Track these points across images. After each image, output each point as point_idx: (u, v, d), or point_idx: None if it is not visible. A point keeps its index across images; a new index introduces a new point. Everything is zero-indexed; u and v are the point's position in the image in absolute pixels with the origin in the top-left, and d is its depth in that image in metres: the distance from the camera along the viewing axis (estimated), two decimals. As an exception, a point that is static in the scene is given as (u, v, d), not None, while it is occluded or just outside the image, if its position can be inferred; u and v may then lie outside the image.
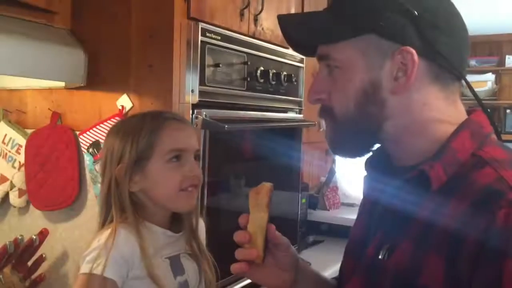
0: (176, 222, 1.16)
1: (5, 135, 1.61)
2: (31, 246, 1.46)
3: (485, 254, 0.65)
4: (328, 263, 2.39)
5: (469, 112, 0.81)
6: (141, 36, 1.46)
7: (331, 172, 3.18)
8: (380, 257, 0.77)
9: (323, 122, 2.81)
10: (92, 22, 1.51)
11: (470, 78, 0.90)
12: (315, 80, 0.83)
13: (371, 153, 0.87)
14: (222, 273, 1.30)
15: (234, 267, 0.87)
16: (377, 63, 0.77)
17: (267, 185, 0.87)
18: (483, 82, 5.42)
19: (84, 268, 1.02)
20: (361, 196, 0.95)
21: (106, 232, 1.05)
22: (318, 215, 2.91)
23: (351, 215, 2.98)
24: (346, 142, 0.83)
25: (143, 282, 1.04)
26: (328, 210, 2.99)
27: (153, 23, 1.45)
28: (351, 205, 3.15)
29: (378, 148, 0.86)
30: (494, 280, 0.64)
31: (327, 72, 0.81)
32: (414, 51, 0.74)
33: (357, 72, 0.77)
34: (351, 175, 3.38)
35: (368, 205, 0.90)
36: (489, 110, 0.82)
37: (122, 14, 1.47)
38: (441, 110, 0.78)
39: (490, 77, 5.55)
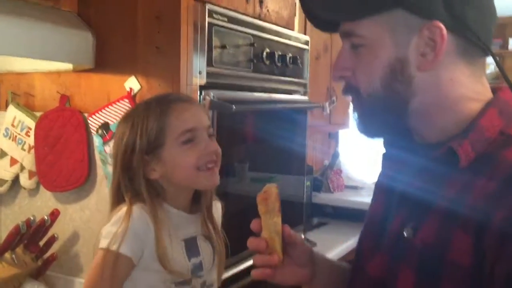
0: (194, 203, 1.17)
1: (14, 117, 1.62)
2: (43, 226, 1.49)
3: None
4: (332, 244, 2.42)
5: (494, 90, 0.80)
6: (148, 18, 1.46)
7: (335, 155, 3.20)
8: (405, 235, 0.77)
9: (326, 105, 2.81)
10: (99, 5, 1.52)
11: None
12: (339, 57, 0.81)
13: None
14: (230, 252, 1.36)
15: (256, 274, 0.87)
16: (404, 39, 0.75)
17: (274, 189, 0.87)
18: (486, 64, 5.40)
19: (102, 243, 1.04)
20: (364, 179, 0.95)
21: (124, 209, 1.06)
22: (323, 198, 2.94)
23: (355, 197, 3.01)
24: (372, 121, 0.81)
25: (156, 260, 1.06)
26: (332, 193, 3.02)
27: (160, 5, 1.45)
28: (354, 187, 3.18)
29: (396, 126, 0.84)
30: None
31: (351, 49, 0.79)
32: (442, 26, 0.72)
33: (383, 49, 0.75)
34: (355, 158, 3.40)
35: (387, 184, 0.89)
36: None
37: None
38: (468, 87, 0.77)
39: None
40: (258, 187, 1.86)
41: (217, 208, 1.22)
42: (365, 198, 2.76)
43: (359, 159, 3.37)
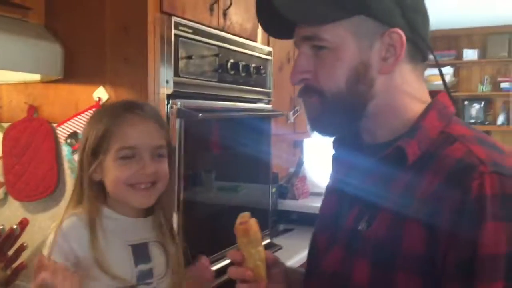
0: (150, 208, 1.15)
1: (-19, 129, 1.63)
2: (12, 236, 1.50)
3: (462, 223, 0.70)
4: (297, 249, 2.49)
5: (433, 94, 0.86)
6: (115, 30, 1.51)
7: (300, 163, 3.29)
8: (359, 228, 0.81)
9: (290, 114, 2.88)
10: (67, 17, 1.56)
11: (429, 71, 0.98)
12: (299, 61, 0.83)
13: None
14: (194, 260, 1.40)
15: None
16: (366, 44, 0.79)
17: (253, 220, 0.92)
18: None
19: (43, 250, 1.07)
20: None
21: (62, 219, 1.08)
22: (288, 204, 3.01)
23: (319, 204, 3.09)
24: (332, 121, 0.84)
25: (96, 270, 1.05)
26: (297, 200, 3.09)
27: (127, 17, 1.50)
28: (319, 194, 3.26)
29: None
30: (471, 246, 0.69)
31: (312, 53, 0.82)
32: (402, 33, 0.78)
33: (347, 52, 0.79)
34: (319, 166, 3.49)
35: (338, 185, 0.94)
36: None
37: (96, 9, 1.53)
38: (414, 89, 0.84)
39: (448, 70, 5.79)
40: (224, 195, 1.93)
41: (173, 218, 1.21)
42: (329, 204, 2.84)
43: (323, 166, 3.47)
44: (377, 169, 0.83)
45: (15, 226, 1.49)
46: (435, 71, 0.95)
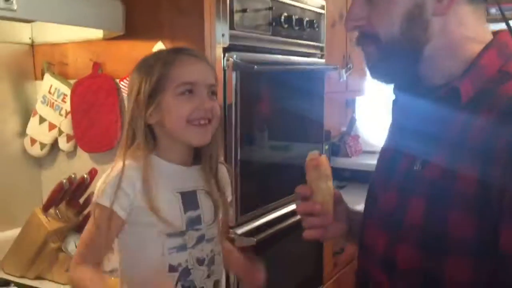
0: (198, 158, 1.19)
1: (51, 85, 1.74)
2: (83, 184, 1.61)
3: None
4: (350, 205, 2.52)
5: (494, 33, 0.84)
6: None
7: (352, 121, 3.28)
8: (415, 168, 0.82)
9: (343, 72, 2.87)
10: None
11: (493, 26, 0.96)
12: (353, 7, 0.84)
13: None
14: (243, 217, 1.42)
15: (310, 234, 0.94)
16: None
17: (324, 157, 0.94)
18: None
19: (94, 197, 1.10)
20: (381, 143, 1.00)
21: (116, 165, 1.10)
22: (341, 162, 3.03)
23: (372, 161, 3.07)
24: (389, 66, 0.85)
25: (150, 213, 1.08)
26: (350, 157, 3.10)
27: (183, -27, 1.54)
28: (372, 152, 3.25)
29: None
30: None
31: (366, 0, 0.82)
32: None
33: None
34: (372, 124, 3.47)
35: (397, 128, 0.95)
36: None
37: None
38: (473, 30, 0.81)
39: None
40: (277, 154, 1.97)
41: (223, 172, 1.23)
42: (382, 162, 2.83)
43: (376, 124, 3.44)
44: (432, 111, 0.83)
45: (85, 175, 1.60)
46: (498, 26, 0.91)
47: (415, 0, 0.79)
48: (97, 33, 1.64)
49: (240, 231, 1.63)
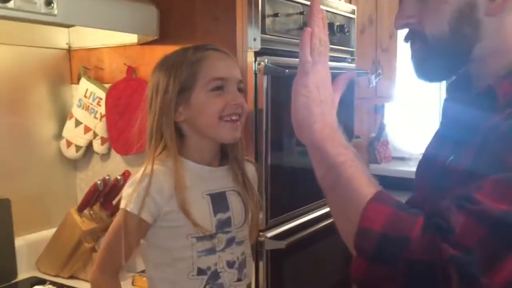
0: (224, 158, 1.18)
1: (86, 89, 1.79)
2: (116, 186, 1.64)
3: None
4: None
5: None
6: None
7: (381, 127, 3.25)
8: (447, 163, 0.83)
9: (372, 78, 2.85)
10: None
11: None
12: (403, 5, 0.84)
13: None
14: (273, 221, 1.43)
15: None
16: None
17: (362, 141, 0.95)
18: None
19: (122, 203, 1.09)
20: (411, 150, 1.00)
21: (145, 169, 1.09)
22: (370, 168, 3.00)
23: (402, 167, 3.06)
24: (436, 65, 0.84)
25: (179, 216, 1.08)
26: (380, 163, 3.08)
27: (216, -21, 1.57)
28: (401, 158, 3.23)
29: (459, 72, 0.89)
30: None
31: None
32: None
33: None
34: (401, 130, 3.43)
35: (442, 126, 0.95)
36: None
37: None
38: None
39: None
40: (305, 160, 1.97)
41: (250, 171, 1.22)
42: (412, 168, 2.79)
43: (406, 131, 3.41)
44: (470, 108, 0.83)
45: (118, 177, 1.64)
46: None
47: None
48: (132, 38, 1.68)
49: (270, 234, 1.63)
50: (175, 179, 1.07)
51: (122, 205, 1.09)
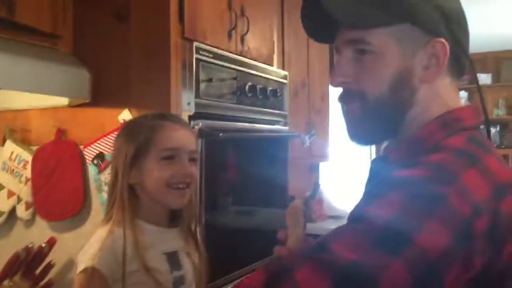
0: (176, 220, 1.23)
1: (12, 152, 1.71)
2: (41, 254, 1.55)
3: None
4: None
5: (451, 111, 0.83)
6: (140, 55, 1.59)
7: (316, 186, 3.30)
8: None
9: (306, 138, 2.92)
10: (94, 44, 1.65)
11: None
12: (340, 64, 0.84)
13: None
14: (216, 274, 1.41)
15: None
16: (410, 52, 0.80)
17: (299, 204, 0.99)
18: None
19: (83, 264, 1.09)
20: (346, 208, 1.03)
21: (101, 231, 1.13)
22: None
23: (337, 226, 3.09)
24: (371, 127, 0.84)
25: (138, 275, 1.10)
26: (315, 222, 3.11)
27: (151, 43, 1.59)
28: (336, 217, 3.28)
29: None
30: None
31: (354, 57, 0.83)
32: (446, 43, 0.79)
33: (391, 57, 0.80)
34: (335, 189, 3.52)
35: (367, 183, 0.94)
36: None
37: (122, 36, 1.61)
38: (448, 101, 0.83)
39: (463, 94, 5.83)
40: (242, 219, 1.98)
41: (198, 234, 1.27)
42: (346, 226, 2.84)
43: (340, 189, 3.49)
44: (370, 171, 0.87)
45: (43, 244, 1.55)
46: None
47: (405, 64, 0.80)
48: (63, 100, 1.64)
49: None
50: (135, 240, 1.11)
51: (85, 265, 1.08)
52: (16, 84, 1.37)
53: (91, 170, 1.60)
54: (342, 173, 3.58)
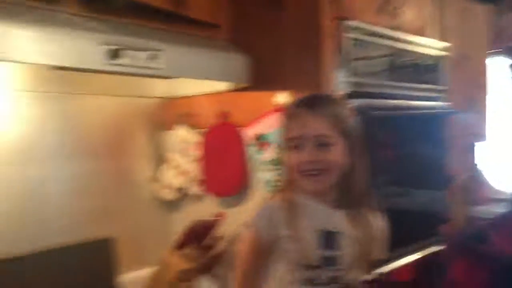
0: (346, 202, 1.21)
1: (182, 135, 1.89)
2: (211, 227, 1.70)
3: None
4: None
5: None
6: (293, 38, 1.64)
7: (476, 166, 3.09)
8: None
9: (467, 116, 2.74)
10: (251, 31, 1.74)
11: None
12: None
13: None
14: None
15: None
16: None
17: (462, 183, 0.95)
18: None
19: (250, 224, 1.20)
20: (508, 192, 0.95)
21: (269, 200, 1.22)
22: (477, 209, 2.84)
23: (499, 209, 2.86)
24: None
25: (287, 243, 1.15)
26: (477, 205, 2.91)
27: (303, 26, 1.62)
28: (499, 200, 3.03)
29: None
30: None
31: None
32: None
33: None
34: (495, 170, 3.25)
35: None
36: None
37: (275, 22, 1.69)
38: None
39: None
40: (398, 200, 1.89)
41: (376, 221, 1.25)
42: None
43: (500, 171, 3.21)
44: None
45: (213, 218, 1.69)
46: None
47: None
48: (225, 85, 1.76)
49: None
50: (289, 207, 1.17)
51: (250, 225, 1.19)
52: (186, 72, 1.51)
53: (251, 150, 1.70)
54: (501, 154, 3.27)
